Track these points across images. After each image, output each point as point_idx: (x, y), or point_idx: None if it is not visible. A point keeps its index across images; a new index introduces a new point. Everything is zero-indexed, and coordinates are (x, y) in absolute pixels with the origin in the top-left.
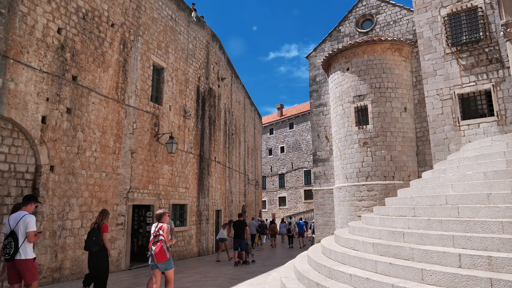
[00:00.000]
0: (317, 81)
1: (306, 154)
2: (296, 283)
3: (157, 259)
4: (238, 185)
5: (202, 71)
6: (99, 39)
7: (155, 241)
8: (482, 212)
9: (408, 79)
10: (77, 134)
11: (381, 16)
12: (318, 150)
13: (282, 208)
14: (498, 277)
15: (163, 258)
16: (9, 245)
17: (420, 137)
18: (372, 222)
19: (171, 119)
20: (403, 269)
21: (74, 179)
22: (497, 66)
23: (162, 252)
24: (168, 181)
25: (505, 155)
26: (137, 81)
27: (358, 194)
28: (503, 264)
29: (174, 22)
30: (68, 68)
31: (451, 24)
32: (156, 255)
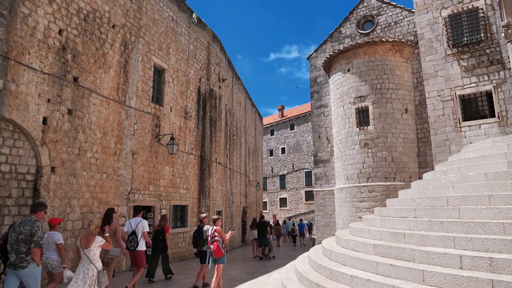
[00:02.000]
0: (318, 82)
1: (307, 155)
2: (297, 284)
3: (215, 255)
4: (239, 186)
5: (203, 72)
6: (100, 40)
7: (212, 241)
8: (483, 213)
9: (409, 80)
10: (78, 135)
11: (382, 17)
12: (319, 151)
13: (283, 209)
14: (499, 279)
15: (219, 254)
16: (133, 240)
17: (421, 138)
18: (373, 223)
19: (172, 120)
20: (404, 270)
21: (75, 180)
22: (498, 67)
23: (218, 250)
24: (169, 182)
25: (506, 156)
26: (138, 82)
27: (359, 195)
28: (504, 266)
29: (175, 23)
30: (69, 69)
31: (452, 25)
32: (214, 252)
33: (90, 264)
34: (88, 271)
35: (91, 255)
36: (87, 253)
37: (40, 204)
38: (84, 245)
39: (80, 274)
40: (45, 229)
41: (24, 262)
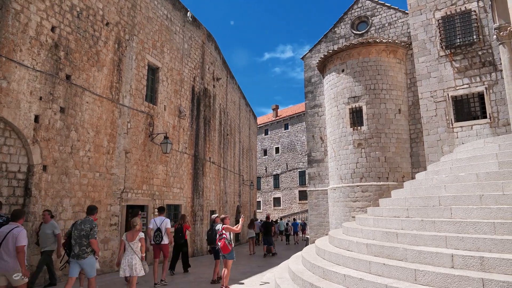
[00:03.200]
0: (312, 82)
1: (301, 155)
2: (290, 283)
3: (222, 251)
4: (232, 185)
5: (197, 71)
6: (93, 38)
7: (220, 239)
8: (474, 213)
9: (402, 81)
10: (70, 134)
11: (376, 18)
12: (313, 151)
13: (276, 209)
14: (490, 277)
15: (226, 251)
16: (159, 236)
17: (414, 138)
18: (366, 223)
19: (165, 119)
20: (397, 269)
21: (67, 179)
22: (490, 69)
23: (225, 246)
24: (162, 181)
25: (497, 157)
26: (132, 80)
27: (353, 195)
28: (495, 265)
29: (169, 21)
30: (62, 67)
31: (445, 27)
32: (221, 248)
33: (133, 254)
34: (132, 260)
35: (135, 247)
36: (131, 245)
37: (95, 207)
38: (129, 239)
39: (126, 262)
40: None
41: (85, 253)
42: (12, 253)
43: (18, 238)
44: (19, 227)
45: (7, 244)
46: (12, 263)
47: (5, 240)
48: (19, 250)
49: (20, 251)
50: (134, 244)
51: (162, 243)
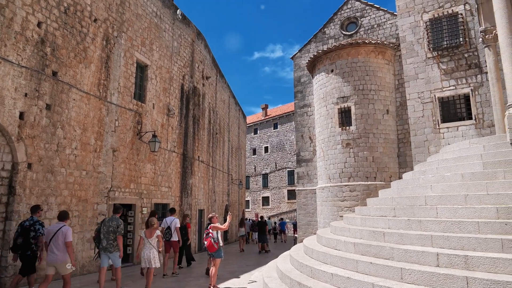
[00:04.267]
0: (301, 82)
1: (290, 155)
2: (278, 282)
3: (209, 250)
4: (221, 184)
5: (186, 69)
6: (81, 34)
7: (206, 237)
8: (459, 212)
9: (390, 82)
10: (56, 131)
11: (366, 19)
12: (302, 150)
13: (265, 208)
14: (473, 276)
15: (212, 249)
16: (168, 233)
17: (402, 139)
18: (353, 222)
19: (154, 117)
20: (383, 268)
21: (53, 177)
22: (476, 71)
23: (210, 245)
24: (150, 180)
25: (481, 157)
26: (120, 78)
27: (341, 194)
28: (479, 263)
29: (159, 19)
30: (48, 63)
31: (433, 29)
32: (208, 247)
33: (151, 249)
34: (150, 254)
35: (153, 243)
36: (150, 241)
37: (120, 207)
38: (148, 235)
39: (145, 255)
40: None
41: (112, 247)
42: (61, 248)
43: (67, 235)
44: (66, 226)
45: (57, 240)
46: (60, 256)
47: (55, 237)
48: (69, 245)
49: (69, 246)
50: (152, 240)
51: (172, 240)
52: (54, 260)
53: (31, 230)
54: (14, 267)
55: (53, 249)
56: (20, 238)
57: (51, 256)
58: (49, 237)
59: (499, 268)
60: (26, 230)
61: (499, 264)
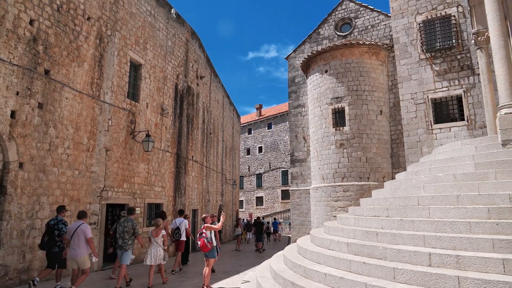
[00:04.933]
0: (296, 82)
1: (284, 155)
2: (271, 282)
3: (202, 249)
4: (215, 184)
5: (180, 68)
6: (74, 32)
7: (199, 237)
8: (451, 212)
9: (384, 83)
10: (48, 130)
11: (360, 20)
12: (296, 150)
13: (259, 208)
14: (465, 275)
15: (205, 249)
16: (177, 233)
17: (395, 139)
18: (347, 222)
19: (148, 117)
20: (376, 268)
21: (45, 176)
22: (468, 72)
23: (204, 245)
24: (143, 179)
25: (473, 158)
26: (114, 77)
27: (334, 194)
28: (470, 263)
29: (153, 18)
30: (41, 61)
31: (426, 31)
32: (201, 247)
33: (158, 247)
34: (157, 251)
35: (159, 241)
36: (156, 240)
37: (133, 208)
38: (154, 235)
39: (151, 253)
40: None
41: (126, 245)
42: (81, 244)
43: (86, 232)
44: (84, 224)
45: (77, 237)
46: (79, 251)
47: (75, 234)
48: (90, 241)
49: (90, 241)
50: (159, 239)
51: (181, 239)
52: (75, 255)
53: (55, 228)
54: (5, 267)
55: (73, 245)
56: (46, 236)
57: (72, 252)
58: (70, 234)
59: (490, 267)
60: (51, 229)
61: (490, 263)
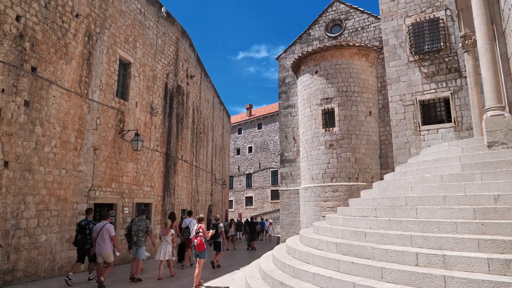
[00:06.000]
0: (286, 82)
1: (274, 155)
2: (260, 282)
3: (198, 249)
4: (204, 184)
5: (170, 67)
6: (62, 29)
7: (196, 236)
8: (438, 213)
9: (373, 84)
10: (35, 129)
11: (350, 22)
12: (286, 150)
13: (248, 208)
14: (451, 275)
15: (201, 248)
16: (187, 231)
17: (383, 140)
18: (335, 222)
19: (137, 116)
20: (364, 268)
21: (31, 175)
22: (456, 75)
23: (201, 244)
24: (132, 179)
25: (460, 159)
26: (102, 75)
27: (323, 194)
28: (456, 262)
29: (143, 16)
30: (27, 58)
31: (415, 33)
32: (197, 245)
33: (167, 245)
34: (166, 248)
35: (168, 239)
36: (166, 238)
37: (145, 209)
38: (164, 233)
39: (162, 250)
40: None
41: (140, 242)
42: (106, 241)
43: (110, 230)
44: (108, 223)
45: (102, 235)
46: (104, 247)
47: (100, 232)
48: (113, 238)
49: (114, 238)
50: (168, 238)
51: (190, 237)
52: (100, 250)
53: (87, 228)
54: None
55: (99, 242)
56: (79, 235)
57: (98, 248)
58: (96, 233)
59: (475, 267)
60: (83, 228)
61: (475, 263)
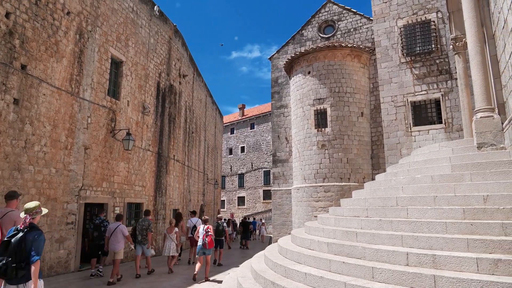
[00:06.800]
0: (279, 82)
1: (266, 155)
2: (252, 282)
3: (208, 246)
4: (197, 184)
5: (163, 67)
6: (53, 27)
7: (207, 235)
8: (428, 213)
9: (365, 85)
10: (24, 127)
11: (343, 23)
12: (278, 151)
13: (241, 208)
14: (441, 274)
15: (211, 246)
16: (194, 231)
17: (375, 141)
18: (327, 222)
19: (128, 115)
20: (355, 267)
21: (20, 175)
22: (446, 77)
23: (211, 242)
24: (123, 179)
25: (450, 160)
26: (94, 73)
27: (315, 195)
28: (446, 262)
29: (135, 14)
30: (17, 56)
31: (407, 35)
32: (208, 243)
33: (172, 242)
34: (170, 245)
35: (172, 237)
36: (170, 236)
37: (149, 211)
38: (169, 231)
39: (166, 246)
40: None
41: (145, 240)
42: (119, 239)
43: (124, 231)
44: (122, 224)
45: (116, 234)
46: (118, 245)
47: (114, 232)
48: (128, 237)
49: (128, 237)
50: (172, 235)
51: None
52: (114, 248)
53: (101, 226)
54: None
55: (113, 241)
56: (95, 232)
57: (112, 246)
58: (110, 232)
59: (465, 266)
60: (97, 226)
61: (465, 263)
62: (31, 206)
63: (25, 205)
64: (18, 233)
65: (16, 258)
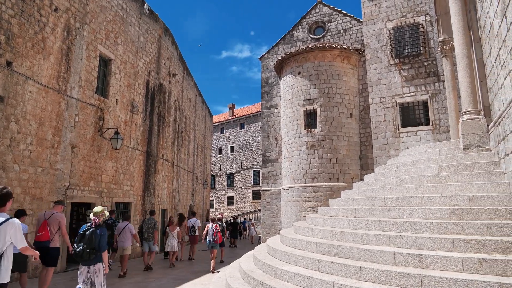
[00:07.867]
0: (269, 83)
1: (256, 155)
2: (241, 282)
3: (219, 241)
4: (186, 183)
5: (152, 65)
6: (40, 23)
7: (218, 232)
8: (415, 213)
9: (355, 86)
10: (10, 125)
11: (333, 24)
12: (268, 151)
13: (230, 208)
14: (427, 274)
15: (221, 241)
16: (193, 230)
17: (364, 142)
18: (316, 222)
19: (117, 114)
20: (343, 267)
21: (4, 174)
22: (434, 79)
23: (220, 238)
24: (111, 178)
25: (437, 161)
26: (82, 71)
27: (305, 195)
28: (432, 261)
29: (124, 12)
30: (2, 52)
31: (396, 37)
32: (219, 239)
33: (173, 239)
34: (173, 242)
35: (174, 235)
36: (172, 234)
37: (154, 211)
38: (171, 230)
39: (169, 242)
40: None
41: (150, 238)
42: (127, 238)
43: (132, 229)
44: (130, 224)
45: (125, 233)
46: (126, 243)
47: (123, 230)
48: (135, 236)
49: (135, 236)
50: (174, 233)
51: (196, 234)
52: (123, 245)
53: (113, 225)
54: None
55: (122, 239)
56: (108, 231)
57: (120, 243)
58: (119, 231)
59: (450, 266)
60: (109, 226)
61: (450, 262)
62: (98, 211)
63: (93, 209)
64: (89, 228)
65: (89, 246)
